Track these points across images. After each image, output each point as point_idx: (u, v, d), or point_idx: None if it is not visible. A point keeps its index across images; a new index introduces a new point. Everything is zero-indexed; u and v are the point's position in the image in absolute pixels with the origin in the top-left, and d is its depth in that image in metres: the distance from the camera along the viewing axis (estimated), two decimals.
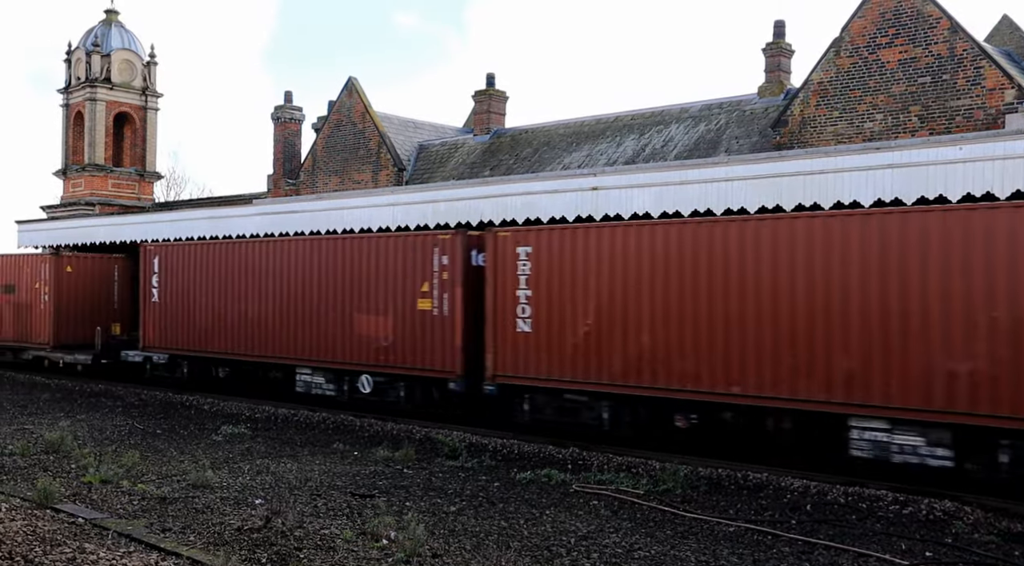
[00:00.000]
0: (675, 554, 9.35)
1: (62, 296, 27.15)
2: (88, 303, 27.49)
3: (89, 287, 27.68)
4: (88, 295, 27.56)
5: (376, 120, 32.98)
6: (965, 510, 11.26)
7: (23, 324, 28.16)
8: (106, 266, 28.33)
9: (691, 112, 26.77)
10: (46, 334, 27.16)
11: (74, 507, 10.70)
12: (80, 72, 41.50)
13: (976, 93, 19.89)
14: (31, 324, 27.82)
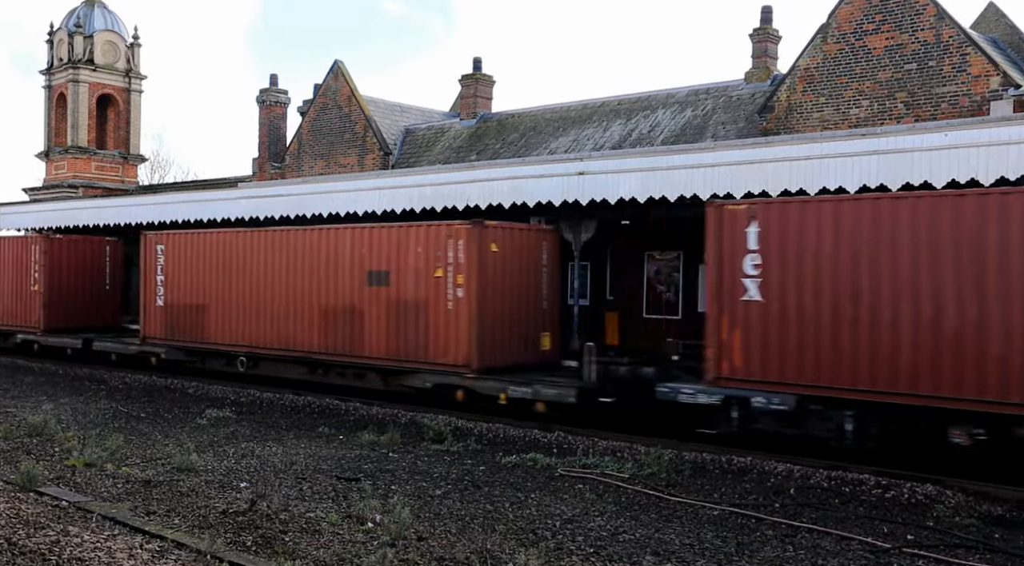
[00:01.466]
0: (659, 537, 9.40)
1: None
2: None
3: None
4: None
5: (362, 104, 32.83)
6: (947, 494, 11.35)
7: None
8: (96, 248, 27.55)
9: (678, 97, 26.76)
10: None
11: (58, 490, 10.65)
12: (62, 53, 41.12)
13: (962, 80, 19.95)
14: None
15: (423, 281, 17.39)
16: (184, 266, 22.05)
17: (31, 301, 26.35)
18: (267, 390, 20.12)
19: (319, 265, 19.16)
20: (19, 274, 26.78)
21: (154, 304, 22.66)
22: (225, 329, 21.04)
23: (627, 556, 8.67)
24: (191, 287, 21.83)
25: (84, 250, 27.14)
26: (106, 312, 27.35)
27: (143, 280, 22.87)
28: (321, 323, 19.08)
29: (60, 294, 26.30)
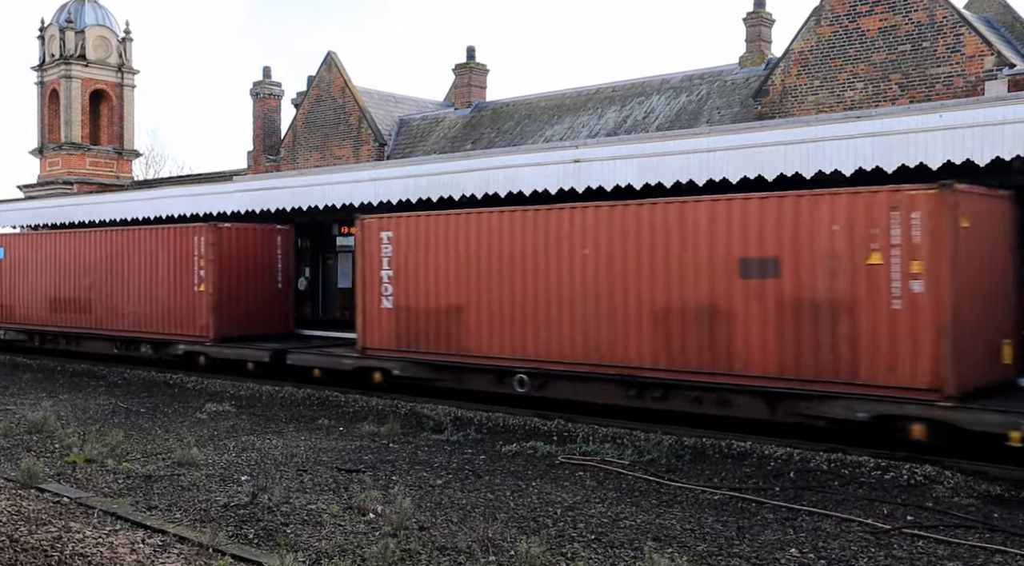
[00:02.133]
0: (660, 523, 9.43)
1: None
2: None
3: None
4: None
5: (356, 95, 32.75)
6: (946, 474, 11.39)
7: None
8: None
9: (672, 83, 26.72)
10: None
11: (59, 486, 10.67)
12: (54, 49, 40.97)
13: (956, 60, 19.92)
14: None
15: (843, 271, 12.79)
16: (425, 258, 17.42)
17: (194, 303, 21.58)
18: (266, 383, 20.11)
19: (652, 251, 14.70)
20: (177, 271, 22.03)
21: (377, 307, 17.93)
22: (494, 337, 16.39)
23: (628, 542, 8.70)
24: (437, 284, 17.20)
25: (254, 241, 22.45)
26: (279, 316, 22.76)
27: (360, 277, 18.46)
28: (654, 329, 14.53)
29: (231, 294, 21.63)
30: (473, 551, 8.29)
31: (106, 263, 23.71)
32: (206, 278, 21.40)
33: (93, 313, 24.02)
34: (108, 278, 23.60)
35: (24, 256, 26.30)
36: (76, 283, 24.52)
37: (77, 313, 24.56)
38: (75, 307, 24.62)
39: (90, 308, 24.08)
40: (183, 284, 21.83)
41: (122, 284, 23.29)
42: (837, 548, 8.57)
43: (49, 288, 25.36)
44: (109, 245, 23.86)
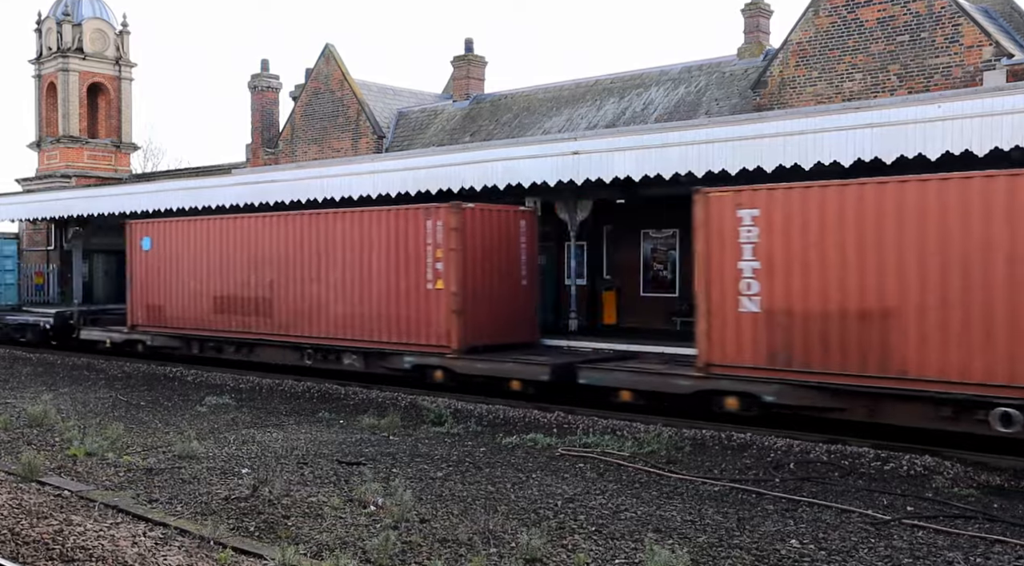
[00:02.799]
0: (661, 514, 9.45)
1: None
2: None
3: None
4: None
5: (354, 87, 32.69)
6: (945, 465, 11.42)
7: None
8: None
9: (671, 74, 26.68)
10: None
11: (60, 480, 10.68)
12: (51, 42, 40.83)
13: (954, 51, 19.89)
14: None
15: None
16: (819, 244, 12.96)
17: (428, 305, 17.26)
18: (267, 376, 20.11)
19: None
20: (400, 263, 17.77)
21: (731, 310, 13.65)
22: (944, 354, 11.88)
23: (629, 533, 8.72)
24: (851, 278, 12.62)
25: (497, 225, 18.05)
26: (524, 320, 18.33)
27: (703, 270, 14.14)
28: None
29: (476, 293, 17.26)
30: (474, 543, 8.31)
31: (294, 254, 19.51)
32: (446, 272, 16.98)
33: (275, 316, 19.86)
34: (297, 273, 19.43)
35: (178, 246, 22.09)
36: (251, 279, 20.36)
37: (252, 315, 20.35)
38: (249, 308, 20.43)
39: (270, 310, 19.94)
40: (409, 280, 17.50)
41: (317, 280, 19.09)
42: (837, 539, 8.59)
43: (213, 285, 21.21)
44: (300, 232, 19.53)
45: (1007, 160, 13.70)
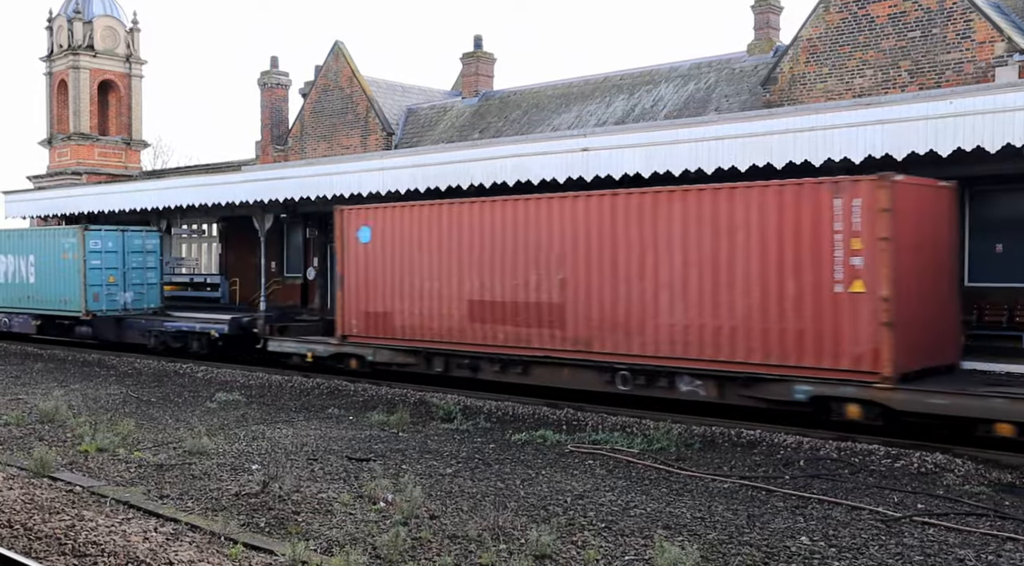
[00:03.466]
0: (671, 511, 9.44)
1: None
2: None
3: None
4: None
5: (364, 84, 32.70)
6: (956, 462, 11.38)
7: None
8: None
9: (680, 71, 26.61)
10: None
11: (71, 475, 10.73)
12: (62, 40, 40.99)
13: (966, 47, 19.78)
14: None
15: None
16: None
17: (835, 314, 12.91)
18: (276, 372, 20.14)
19: None
20: (786, 255, 13.48)
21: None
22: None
23: (639, 530, 8.72)
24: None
25: (925, 205, 13.85)
26: (948, 334, 14.14)
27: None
28: None
29: (908, 299, 13.01)
30: (484, 540, 8.32)
31: (603, 245, 15.39)
32: (870, 269, 12.64)
33: (568, 326, 15.69)
34: (607, 269, 15.29)
35: (413, 237, 18.07)
36: (531, 277, 16.24)
37: (531, 325, 16.16)
38: (526, 316, 16.26)
39: (561, 318, 15.77)
40: (802, 280, 13.24)
41: (639, 279, 14.91)
42: (848, 536, 8.57)
43: (468, 285, 17.10)
44: (615, 216, 15.39)
45: (1020, 156, 13.65)
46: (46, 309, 26.35)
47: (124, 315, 25.54)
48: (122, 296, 25.67)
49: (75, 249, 25.21)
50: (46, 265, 26.19)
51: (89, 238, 25.09)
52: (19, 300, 27.38)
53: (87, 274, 25.02)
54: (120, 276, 25.68)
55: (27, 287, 26.99)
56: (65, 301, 25.65)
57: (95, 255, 25.09)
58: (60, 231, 26.45)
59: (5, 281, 27.81)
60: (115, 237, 25.64)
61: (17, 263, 27.31)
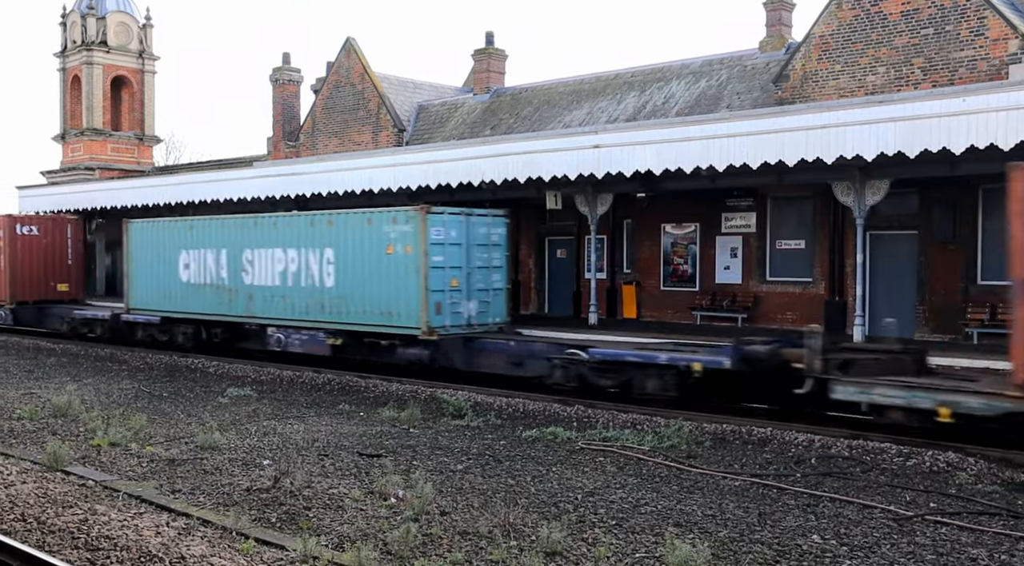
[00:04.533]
0: (681, 509, 9.43)
1: None
2: None
3: None
4: None
5: (375, 81, 32.73)
6: (968, 461, 11.33)
7: None
8: None
9: (692, 68, 26.55)
10: None
11: (84, 470, 10.79)
12: (76, 35, 41.16)
13: (980, 44, 19.68)
14: None
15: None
16: None
17: None
18: (287, 367, 20.19)
19: None
20: None
21: None
22: None
23: (649, 528, 8.72)
24: None
25: None
26: None
27: None
28: None
29: None
30: (494, 536, 8.33)
31: None
32: None
33: None
34: None
35: None
36: None
37: None
38: None
39: None
40: None
41: None
42: (859, 534, 8.55)
43: None
44: None
45: None
46: (353, 323, 18.89)
47: (473, 334, 18.34)
48: (465, 307, 18.27)
49: (409, 239, 17.77)
50: (356, 262, 18.70)
51: (431, 224, 17.58)
52: (305, 310, 19.75)
53: (428, 275, 17.54)
54: (463, 279, 18.22)
55: (319, 292, 19.41)
56: (389, 313, 18.14)
57: (437, 248, 17.68)
58: (381, 215, 18.48)
59: (282, 284, 20.18)
60: (459, 224, 18.16)
61: (303, 259, 19.74)
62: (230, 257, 21.04)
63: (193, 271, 22.00)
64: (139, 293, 23.65)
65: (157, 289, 22.94)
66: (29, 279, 27.81)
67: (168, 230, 22.85)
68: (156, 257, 22.89)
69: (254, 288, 20.60)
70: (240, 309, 21.03)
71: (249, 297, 20.72)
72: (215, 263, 21.46)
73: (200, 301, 21.91)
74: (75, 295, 28.86)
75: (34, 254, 27.92)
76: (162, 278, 22.74)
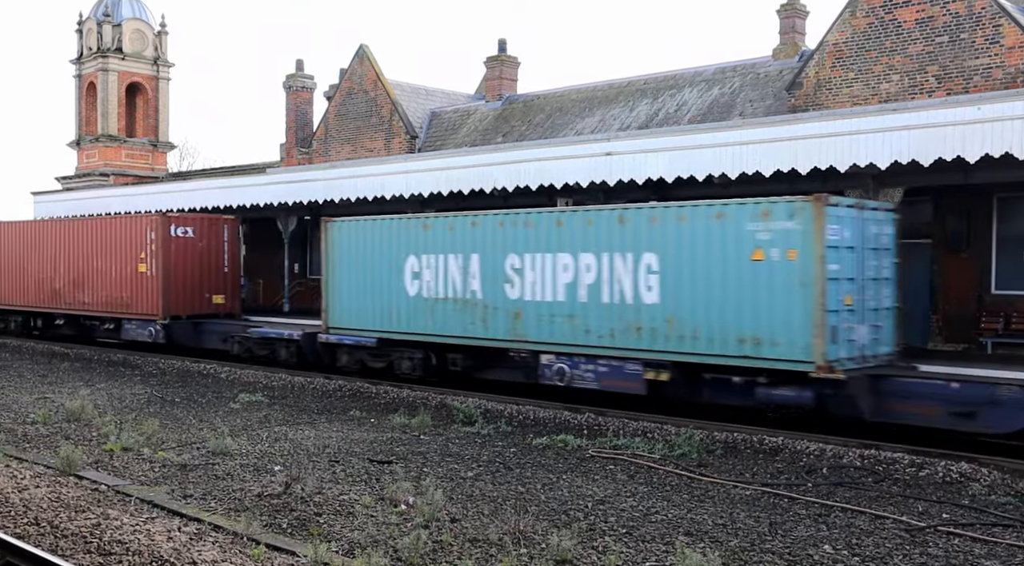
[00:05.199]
0: (692, 517, 9.41)
1: None
2: None
3: None
4: None
5: (388, 88, 32.83)
6: (982, 472, 11.26)
7: None
8: None
9: (704, 75, 26.53)
10: None
11: (97, 474, 10.84)
12: (92, 42, 41.45)
13: (995, 52, 19.60)
14: None
15: None
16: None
17: None
18: (298, 374, 20.24)
19: None
20: None
21: None
22: None
23: (660, 536, 8.70)
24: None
25: None
26: None
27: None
28: None
29: None
30: (505, 543, 8.32)
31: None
32: None
33: None
34: None
35: None
36: None
37: None
38: None
39: None
40: None
41: None
42: (871, 545, 8.51)
43: None
44: None
45: None
46: (688, 353, 14.37)
47: (883, 372, 13.86)
48: (858, 333, 13.82)
49: (794, 240, 13.28)
50: (695, 270, 14.28)
51: (828, 220, 13.14)
52: (608, 334, 15.23)
53: (825, 291, 13.03)
54: (856, 295, 13.79)
55: (633, 311, 14.96)
56: (753, 340, 13.60)
57: (833, 253, 13.23)
58: (742, 207, 13.86)
59: (569, 299, 15.76)
60: (852, 220, 13.77)
61: (605, 267, 15.32)
62: (485, 264, 16.73)
63: (426, 282, 17.68)
64: (344, 309, 19.23)
65: (371, 304, 18.63)
66: (183, 289, 23.52)
67: (391, 231, 18.45)
68: (371, 264, 18.63)
69: (523, 304, 16.19)
70: (499, 331, 16.56)
71: (514, 316, 16.31)
72: (461, 272, 17.10)
73: (435, 320, 17.55)
74: (231, 308, 24.52)
75: (188, 260, 23.65)
76: (379, 290, 18.47)
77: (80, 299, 25.65)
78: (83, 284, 25.45)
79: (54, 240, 26.49)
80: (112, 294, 24.54)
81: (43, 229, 27.40)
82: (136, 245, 23.78)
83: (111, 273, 24.50)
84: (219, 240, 24.19)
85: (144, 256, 23.56)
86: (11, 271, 28.16)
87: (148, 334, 23.90)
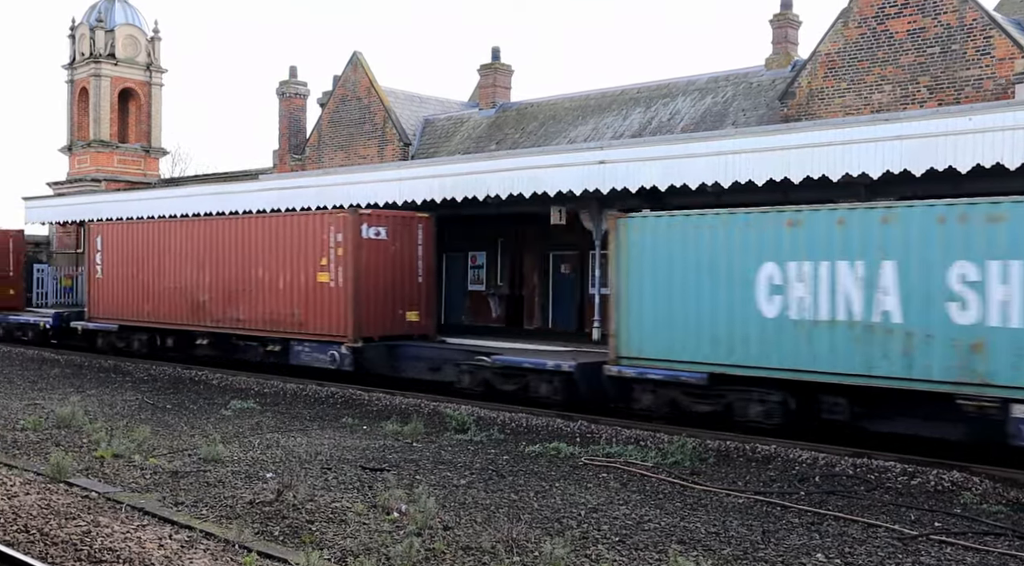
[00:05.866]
0: (684, 526, 9.41)
1: None
2: None
3: None
4: None
5: (381, 95, 32.84)
6: (973, 480, 11.29)
7: None
8: None
9: (698, 85, 26.62)
10: None
11: (87, 481, 10.78)
12: (84, 48, 41.39)
13: (986, 63, 19.72)
14: None
15: None
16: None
17: None
18: (290, 381, 20.21)
19: None
20: None
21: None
22: None
23: (652, 545, 8.69)
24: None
25: None
26: None
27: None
28: None
29: None
30: (497, 551, 8.30)
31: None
32: None
33: None
34: None
35: None
36: None
37: None
38: None
39: None
40: None
41: None
42: (864, 554, 8.52)
43: None
44: None
45: None
46: None
47: None
48: None
49: None
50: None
51: None
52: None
53: None
54: None
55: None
56: None
57: None
58: None
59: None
60: None
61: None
62: (908, 275, 12.43)
63: (796, 298, 13.40)
64: (645, 332, 15.02)
65: (695, 327, 14.41)
66: (375, 304, 19.22)
67: (728, 228, 14.22)
68: (694, 274, 14.47)
69: (986, 332, 11.73)
70: (934, 369, 12.14)
71: (968, 348, 11.85)
72: (861, 285, 12.79)
73: (806, 350, 13.30)
74: (426, 329, 20.21)
75: (381, 267, 19.38)
76: (710, 309, 14.26)
77: (232, 315, 21.42)
78: (237, 297, 21.20)
79: (195, 243, 22.35)
80: (278, 309, 20.30)
81: (181, 230, 23.04)
82: (315, 249, 19.51)
83: (278, 283, 20.25)
84: (413, 243, 19.92)
85: (326, 263, 19.29)
86: (134, 280, 24.07)
87: (330, 359, 19.46)
